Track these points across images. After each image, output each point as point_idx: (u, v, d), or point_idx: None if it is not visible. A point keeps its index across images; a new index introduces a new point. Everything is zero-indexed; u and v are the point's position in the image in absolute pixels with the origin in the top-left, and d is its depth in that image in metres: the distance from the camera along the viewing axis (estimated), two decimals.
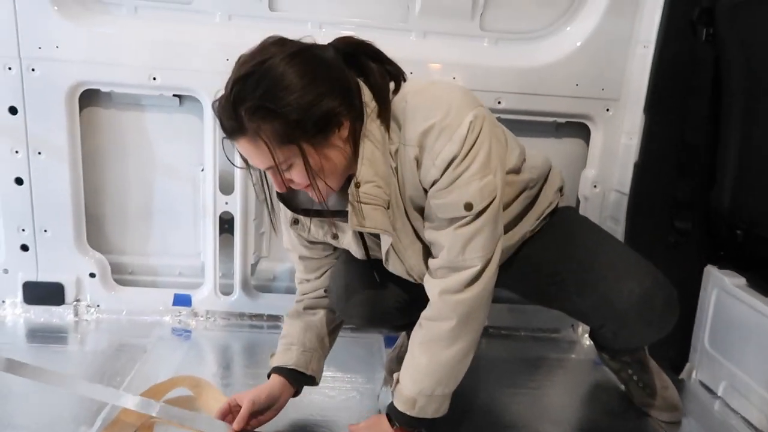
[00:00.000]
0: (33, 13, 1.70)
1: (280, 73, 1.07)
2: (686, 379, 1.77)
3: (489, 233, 1.18)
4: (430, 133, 1.14)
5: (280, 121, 1.07)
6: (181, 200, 1.97)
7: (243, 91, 1.07)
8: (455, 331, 1.21)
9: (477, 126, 1.13)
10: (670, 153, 1.74)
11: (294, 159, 1.12)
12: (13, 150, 1.80)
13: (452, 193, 1.15)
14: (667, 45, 1.71)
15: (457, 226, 1.17)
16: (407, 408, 1.24)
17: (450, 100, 1.16)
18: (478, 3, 1.82)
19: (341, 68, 1.16)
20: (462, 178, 1.14)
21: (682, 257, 1.76)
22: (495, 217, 1.19)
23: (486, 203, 1.16)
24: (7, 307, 1.93)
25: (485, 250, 1.18)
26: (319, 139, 1.12)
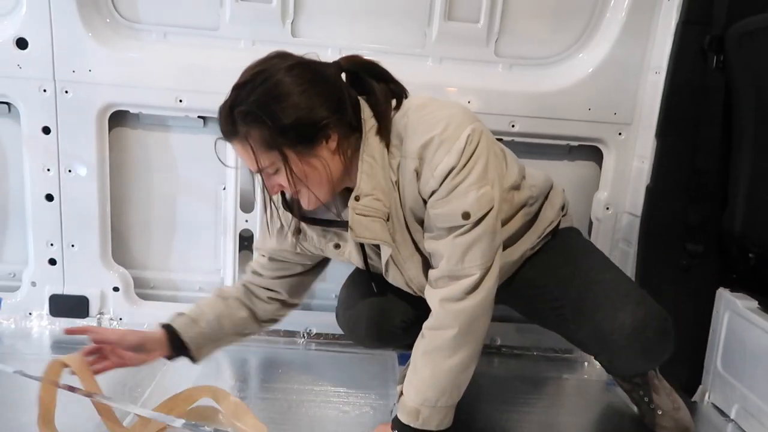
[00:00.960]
0: (68, 39, 1.78)
1: (276, 82, 1.15)
2: (699, 402, 1.77)
3: (487, 242, 1.21)
4: (429, 146, 1.19)
5: (267, 127, 1.14)
6: (203, 218, 2.03)
7: (240, 96, 1.16)
8: (457, 340, 1.23)
9: (474, 139, 1.18)
10: (681, 176, 1.76)
11: (279, 165, 1.18)
12: (45, 168, 1.88)
13: (450, 203, 1.19)
14: (678, 71, 1.74)
15: (456, 235, 1.20)
16: (411, 419, 1.26)
17: (449, 115, 1.22)
18: (492, 30, 1.87)
19: (338, 84, 1.22)
20: (460, 188, 1.18)
21: (695, 280, 1.77)
22: (493, 227, 1.22)
23: (483, 212, 1.19)
24: (33, 319, 1.99)
25: (484, 258, 1.21)
26: (303, 148, 1.18)
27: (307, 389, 1.69)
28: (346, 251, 1.39)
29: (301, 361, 1.92)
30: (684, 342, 1.78)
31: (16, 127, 1.90)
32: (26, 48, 1.78)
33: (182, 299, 2.08)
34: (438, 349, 1.24)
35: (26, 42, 1.78)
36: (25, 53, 1.79)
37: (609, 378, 1.94)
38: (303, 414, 1.56)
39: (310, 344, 2.02)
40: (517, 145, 1.93)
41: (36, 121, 1.85)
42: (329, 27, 1.87)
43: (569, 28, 1.89)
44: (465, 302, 1.22)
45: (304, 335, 2.04)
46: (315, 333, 2.03)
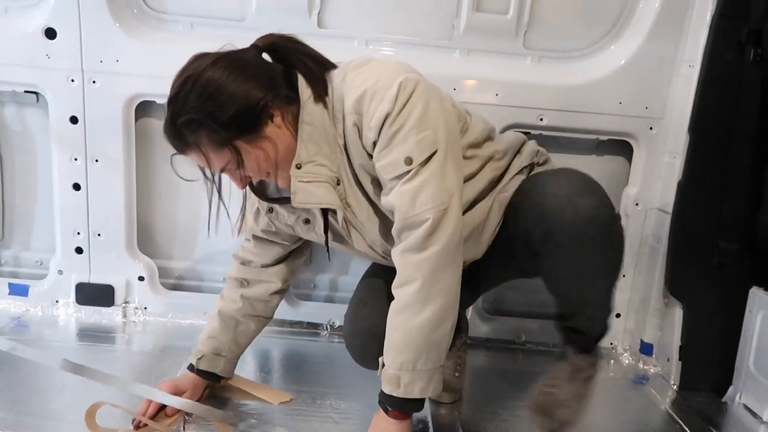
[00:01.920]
0: (97, 29, 1.79)
1: (203, 83, 1.15)
2: (729, 403, 1.73)
3: (436, 184, 1.17)
4: (363, 98, 1.18)
5: (211, 127, 1.15)
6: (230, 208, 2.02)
7: (176, 108, 1.17)
8: (422, 293, 1.18)
9: (408, 86, 1.16)
10: (715, 172, 1.72)
11: (237, 158, 1.19)
12: (72, 157, 1.90)
13: (392, 152, 1.17)
14: (713, 65, 1.70)
15: (403, 182, 1.18)
16: (393, 388, 1.22)
17: (383, 69, 1.21)
18: (522, 21, 1.84)
19: (262, 64, 1.23)
20: (399, 135, 1.16)
21: (727, 278, 1.74)
22: (440, 170, 1.18)
23: (426, 155, 1.16)
24: (60, 307, 2.01)
25: (435, 200, 1.16)
26: (252, 135, 1.18)
27: (330, 381, 1.69)
28: (315, 226, 1.39)
29: (324, 354, 1.92)
30: (715, 342, 1.78)
31: (44, 116, 1.92)
32: (55, 38, 1.79)
33: (206, 289, 2.09)
34: (405, 306, 1.20)
35: (55, 32, 1.79)
36: (53, 43, 1.80)
37: (636, 375, 1.93)
38: (327, 406, 1.56)
39: (333, 336, 2.02)
40: (545, 138, 1.90)
41: (64, 111, 1.86)
42: (356, 18, 1.86)
43: (601, 19, 1.86)
44: (426, 251, 1.17)
45: (327, 327, 2.04)
46: (338, 325, 2.03)
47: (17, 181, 2.03)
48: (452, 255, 1.20)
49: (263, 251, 1.53)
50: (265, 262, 1.54)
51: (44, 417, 1.41)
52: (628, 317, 2.03)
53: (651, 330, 1.96)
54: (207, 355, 1.50)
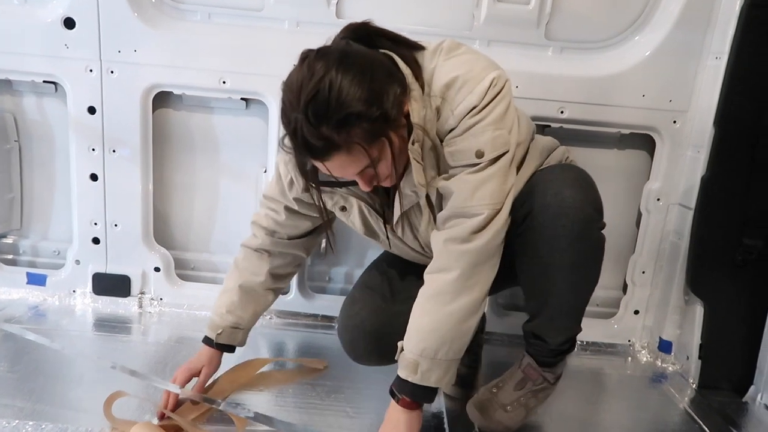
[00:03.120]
0: (115, 19, 1.79)
1: (341, 80, 1.09)
2: (750, 402, 1.70)
3: (498, 182, 1.19)
4: (453, 85, 1.18)
5: (365, 122, 1.10)
6: (244, 200, 2.02)
7: (319, 110, 1.08)
8: (459, 283, 1.19)
9: (499, 84, 1.18)
10: (740, 167, 1.68)
11: (386, 151, 1.16)
12: (90, 147, 1.90)
13: (465, 140, 1.18)
14: (741, 57, 1.65)
15: (468, 173, 1.19)
16: (410, 373, 1.21)
17: (475, 58, 1.22)
18: (543, 12, 1.81)
19: (377, 55, 1.19)
20: (476, 127, 1.17)
21: (751, 276, 1.71)
22: (506, 170, 1.20)
23: (497, 153, 1.18)
24: (77, 297, 2.03)
25: (493, 198, 1.19)
26: (396, 125, 1.17)
27: (345, 374, 1.68)
28: (351, 214, 1.39)
29: (338, 347, 1.90)
30: (736, 340, 1.75)
31: (62, 106, 1.93)
32: (73, 28, 1.79)
33: (222, 281, 2.06)
34: (438, 293, 1.21)
35: (74, 22, 1.79)
36: (72, 33, 1.79)
37: (654, 373, 1.90)
38: (342, 399, 1.56)
39: None
40: (565, 131, 1.87)
41: (82, 101, 1.86)
42: (375, 8, 1.83)
43: (625, 9, 1.81)
44: (470, 243, 1.19)
45: None
46: None
47: (35, 171, 2.04)
48: (493, 252, 1.22)
49: (295, 224, 1.48)
50: (293, 234, 1.51)
51: (62, 406, 1.42)
52: (647, 314, 2.01)
53: (670, 327, 1.93)
54: (226, 329, 1.50)
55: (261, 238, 1.52)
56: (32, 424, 1.33)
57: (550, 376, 1.43)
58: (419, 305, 1.24)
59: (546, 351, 1.40)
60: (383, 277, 1.56)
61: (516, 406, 1.42)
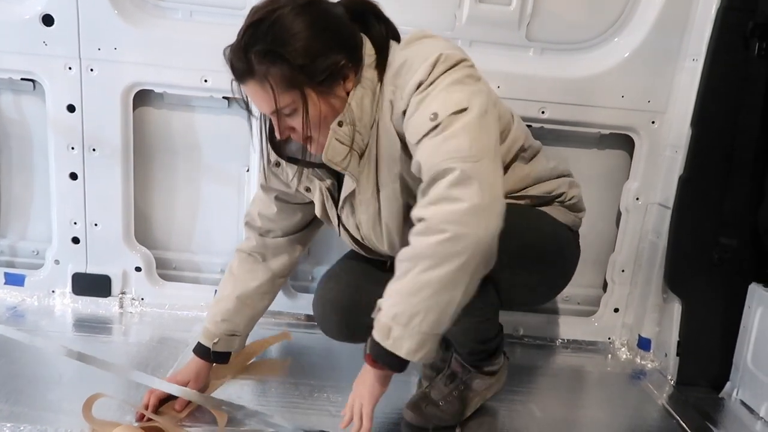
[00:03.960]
0: (94, 16, 1.77)
1: (291, 20, 1.12)
2: (726, 398, 1.74)
3: (468, 138, 1.04)
4: (401, 69, 1.16)
5: (287, 65, 1.11)
6: (226, 199, 2.01)
7: (254, 36, 1.12)
8: (443, 248, 1.00)
9: (449, 59, 1.12)
10: (717, 167, 1.71)
11: (297, 105, 1.15)
12: (70, 146, 1.88)
13: (418, 113, 1.11)
14: (717, 59, 1.68)
15: (428, 138, 1.07)
16: (382, 337, 1.09)
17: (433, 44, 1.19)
18: (525, 13, 1.82)
19: (349, 24, 1.20)
20: (428, 97, 1.10)
21: (727, 274, 1.74)
22: (473, 128, 1.05)
23: (452, 110, 1.06)
24: (56, 297, 2.00)
25: (462, 152, 1.02)
26: (323, 88, 1.15)
27: (328, 374, 1.68)
28: (314, 195, 1.39)
29: (321, 346, 1.91)
30: (713, 338, 1.78)
31: (41, 104, 1.90)
32: (52, 25, 1.77)
33: (204, 281, 2.08)
34: (419, 256, 1.03)
35: (52, 19, 1.76)
36: (50, 30, 1.77)
37: (633, 370, 1.93)
38: (324, 399, 1.56)
39: None
40: (546, 132, 1.89)
41: (61, 99, 1.84)
42: None
43: (604, 11, 1.84)
44: (453, 204, 1.00)
45: None
46: None
47: (14, 170, 2.01)
48: (485, 215, 1.01)
49: (287, 216, 1.48)
50: (289, 229, 1.50)
51: (41, 408, 1.41)
52: (626, 312, 2.03)
53: (649, 325, 1.95)
54: (222, 337, 1.48)
55: (255, 240, 1.51)
56: (10, 426, 1.32)
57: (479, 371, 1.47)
58: (399, 263, 1.08)
59: (464, 356, 1.46)
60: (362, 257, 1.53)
61: (449, 399, 1.46)
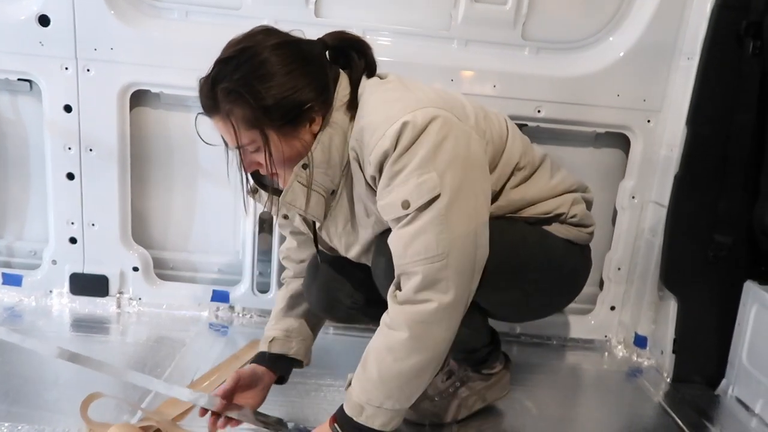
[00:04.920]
0: (91, 17, 1.77)
1: (261, 61, 1.11)
2: (722, 396, 1.75)
3: (435, 233, 1.08)
4: (367, 129, 1.13)
5: (250, 106, 1.11)
6: (222, 200, 2.01)
7: (222, 72, 1.13)
8: (409, 345, 1.10)
9: (417, 126, 1.08)
10: (712, 166, 1.72)
11: (259, 144, 1.15)
12: (66, 146, 1.88)
13: (391, 193, 1.11)
14: (712, 57, 1.69)
15: (400, 227, 1.11)
16: (354, 413, 1.15)
17: (398, 98, 1.15)
18: (520, 12, 1.83)
19: (323, 65, 1.18)
20: (400, 176, 1.09)
21: (722, 272, 1.75)
22: (441, 218, 1.08)
23: (425, 200, 1.08)
24: (54, 297, 2.00)
25: (429, 251, 1.08)
26: (286, 130, 1.15)
27: (326, 373, 1.69)
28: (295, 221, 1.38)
29: (319, 346, 1.90)
30: (709, 335, 1.79)
31: (38, 105, 1.90)
32: (48, 25, 1.77)
33: (201, 280, 2.09)
34: (388, 350, 1.12)
35: (48, 19, 1.76)
36: (47, 30, 1.77)
37: (630, 368, 1.94)
38: (322, 398, 1.57)
39: (327, 329, 2.00)
40: (542, 131, 1.90)
41: (58, 100, 1.84)
42: (353, 8, 1.84)
43: (599, 10, 1.84)
44: (418, 305, 1.09)
45: None
46: None
47: (10, 171, 2.01)
48: (447, 313, 1.11)
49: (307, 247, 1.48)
50: (302, 258, 1.50)
51: (38, 408, 1.41)
52: (623, 310, 2.04)
53: (645, 323, 1.96)
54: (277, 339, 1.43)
55: (293, 269, 1.53)
56: (8, 425, 1.32)
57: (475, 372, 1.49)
58: (371, 352, 1.16)
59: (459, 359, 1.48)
60: None
61: (445, 396, 1.48)
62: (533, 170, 1.34)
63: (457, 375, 1.48)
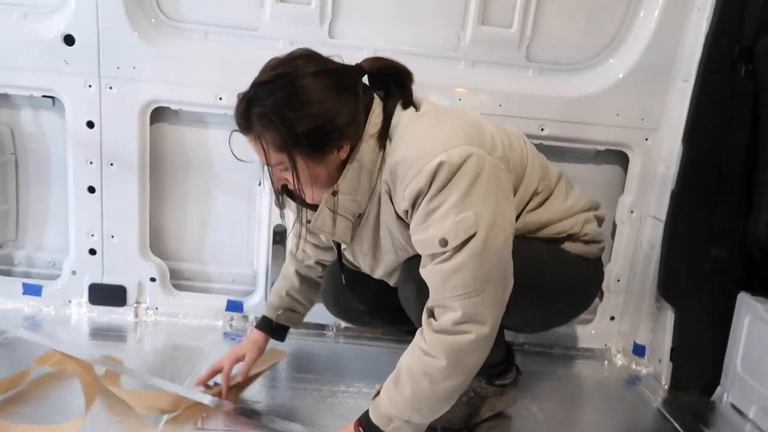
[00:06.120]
0: (114, 37, 1.84)
1: (297, 88, 1.14)
2: (717, 402, 1.81)
3: (472, 270, 1.13)
4: (400, 165, 1.17)
5: (280, 133, 1.15)
6: (237, 212, 2.08)
7: (258, 95, 1.17)
8: (446, 372, 1.17)
9: (454, 163, 1.12)
10: (707, 182, 1.79)
11: (287, 165, 1.20)
12: (88, 161, 1.94)
13: (428, 229, 1.15)
14: (706, 80, 1.77)
15: (436, 263, 1.16)
16: (382, 423, 1.22)
17: (433, 134, 1.18)
18: (525, 35, 1.91)
19: (358, 94, 1.20)
20: (436, 213, 1.14)
21: (717, 284, 1.81)
22: (478, 257, 1.13)
23: (462, 239, 1.12)
24: (73, 307, 2.05)
25: (467, 288, 1.14)
26: (315, 156, 1.19)
27: (335, 380, 1.74)
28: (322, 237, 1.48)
29: (329, 353, 1.98)
30: (704, 344, 1.85)
31: (59, 120, 1.97)
32: (73, 45, 1.84)
33: (215, 291, 2.14)
34: (423, 373, 1.18)
35: (73, 39, 1.83)
36: (72, 50, 1.84)
37: (629, 375, 2.01)
38: (338, 404, 1.62)
39: (338, 337, 2.07)
40: (545, 148, 1.97)
41: (81, 116, 1.91)
42: (365, 29, 1.91)
43: (600, 34, 1.93)
44: (457, 336, 1.15)
45: (333, 329, 2.09)
46: (343, 327, 2.08)
47: (31, 184, 2.07)
48: (484, 343, 1.18)
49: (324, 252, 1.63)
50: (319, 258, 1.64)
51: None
52: (622, 320, 2.12)
53: (644, 332, 2.03)
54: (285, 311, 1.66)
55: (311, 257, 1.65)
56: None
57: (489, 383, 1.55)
58: (404, 371, 1.21)
59: None
60: None
61: (458, 404, 1.50)
62: (549, 194, 1.39)
63: (470, 385, 1.53)
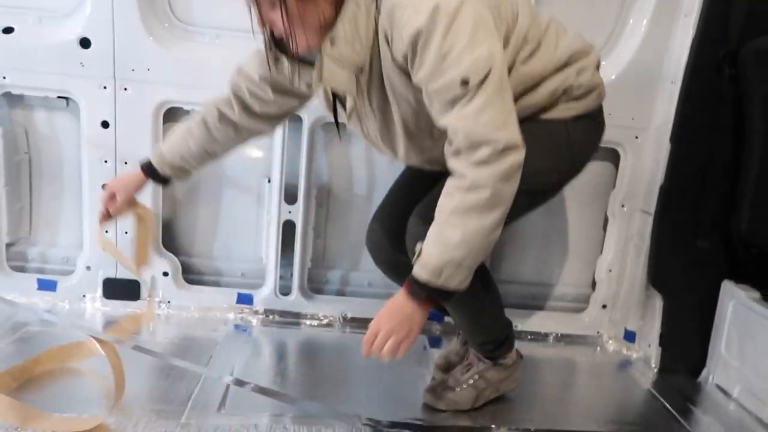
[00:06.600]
0: (129, 40, 1.90)
1: None
2: (703, 383, 1.91)
3: (498, 107, 1.17)
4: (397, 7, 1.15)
5: None
6: (247, 208, 2.15)
7: None
8: (490, 202, 1.19)
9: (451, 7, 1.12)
10: (693, 178, 1.89)
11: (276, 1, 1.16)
12: (103, 160, 2.00)
13: (446, 73, 1.14)
14: (693, 82, 1.87)
15: (461, 105, 1.16)
16: (433, 277, 1.22)
17: None
18: None
19: None
20: (451, 56, 1.13)
21: (702, 273, 1.92)
22: (499, 88, 1.16)
23: (481, 76, 1.14)
24: (87, 301, 2.11)
25: (498, 122, 1.17)
26: None
27: (344, 369, 1.81)
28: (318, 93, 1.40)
29: (335, 343, 2.06)
30: (691, 329, 1.96)
31: (73, 120, 2.02)
32: (89, 47, 1.89)
33: (225, 284, 2.21)
34: (470, 210, 1.19)
35: (89, 42, 1.89)
36: (87, 52, 1.89)
37: (620, 360, 2.12)
38: (337, 393, 1.68)
39: (345, 327, 2.15)
40: None
41: (96, 116, 1.96)
42: None
43: (592, 38, 1.98)
44: (502, 165, 1.17)
45: (339, 319, 2.17)
46: (350, 317, 2.16)
47: (44, 182, 2.12)
48: (519, 171, 1.21)
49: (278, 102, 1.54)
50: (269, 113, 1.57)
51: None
52: (613, 308, 2.22)
53: (634, 319, 2.14)
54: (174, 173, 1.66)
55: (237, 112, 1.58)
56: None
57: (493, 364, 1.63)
58: (447, 216, 1.22)
59: (476, 347, 1.63)
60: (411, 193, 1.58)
61: (465, 387, 1.62)
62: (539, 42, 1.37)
63: (476, 368, 1.64)
